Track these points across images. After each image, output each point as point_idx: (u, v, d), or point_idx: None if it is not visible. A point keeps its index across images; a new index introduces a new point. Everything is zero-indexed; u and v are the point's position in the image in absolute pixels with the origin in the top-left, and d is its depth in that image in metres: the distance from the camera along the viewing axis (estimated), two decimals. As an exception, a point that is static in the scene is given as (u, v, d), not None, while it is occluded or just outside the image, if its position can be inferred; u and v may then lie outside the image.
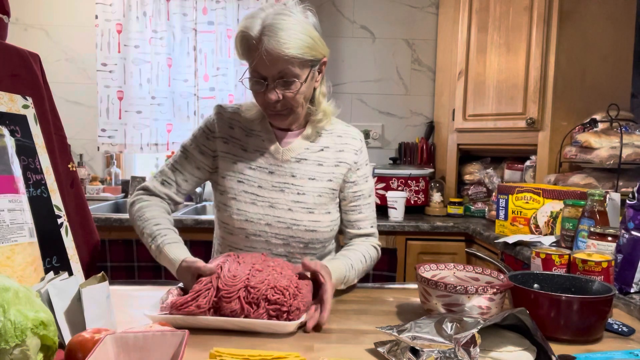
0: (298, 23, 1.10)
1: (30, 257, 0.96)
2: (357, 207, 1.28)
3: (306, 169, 1.23)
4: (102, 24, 2.74)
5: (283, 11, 1.10)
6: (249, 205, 1.20)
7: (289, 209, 1.20)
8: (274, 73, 1.09)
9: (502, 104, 2.35)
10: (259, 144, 1.24)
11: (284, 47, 1.06)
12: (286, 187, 1.21)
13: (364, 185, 1.29)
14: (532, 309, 0.88)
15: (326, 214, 1.23)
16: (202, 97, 2.84)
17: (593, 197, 1.38)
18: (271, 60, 1.07)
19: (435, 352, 0.74)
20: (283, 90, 1.11)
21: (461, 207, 2.57)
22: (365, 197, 1.29)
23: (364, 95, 3.00)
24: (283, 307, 0.93)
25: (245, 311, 0.93)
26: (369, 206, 1.30)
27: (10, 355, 0.65)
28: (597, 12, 2.18)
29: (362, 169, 1.29)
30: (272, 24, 1.07)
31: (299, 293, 0.96)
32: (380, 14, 2.96)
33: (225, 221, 1.23)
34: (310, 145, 1.25)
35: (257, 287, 0.94)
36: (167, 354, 0.72)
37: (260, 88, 1.13)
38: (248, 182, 1.21)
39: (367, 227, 1.30)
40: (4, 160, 0.96)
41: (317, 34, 1.15)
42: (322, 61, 1.18)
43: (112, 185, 2.88)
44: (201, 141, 1.25)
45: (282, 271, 1.00)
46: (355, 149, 1.28)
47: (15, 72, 1.24)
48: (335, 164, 1.25)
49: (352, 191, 1.27)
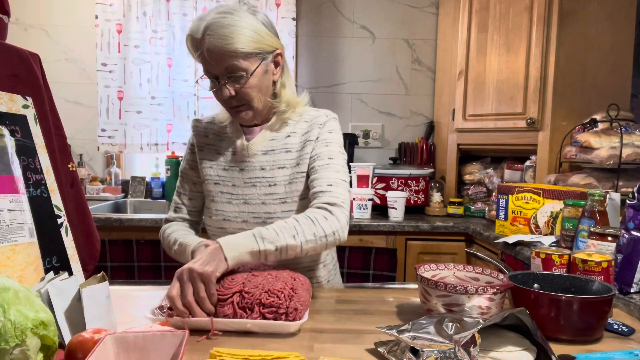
0: (240, 19, 1.11)
1: (30, 257, 0.96)
2: (313, 170, 1.18)
3: (275, 159, 1.22)
4: (102, 24, 2.74)
5: (227, 10, 1.12)
6: (226, 205, 1.23)
7: (262, 203, 1.21)
8: (221, 70, 1.13)
9: (502, 104, 2.35)
10: (230, 145, 1.27)
11: (224, 42, 1.09)
12: (257, 181, 1.23)
13: (322, 148, 1.20)
14: (532, 309, 0.88)
15: (301, 200, 1.21)
16: (202, 97, 2.84)
17: (593, 197, 1.38)
18: (215, 57, 1.11)
19: (435, 352, 0.74)
20: (234, 85, 1.14)
21: (461, 207, 2.57)
22: (321, 159, 1.19)
23: (363, 95, 3.00)
24: (280, 310, 0.93)
25: (238, 316, 0.94)
26: (326, 167, 1.17)
27: (10, 355, 0.65)
28: (597, 12, 2.18)
29: (323, 135, 1.22)
30: (213, 22, 1.10)
31: (295, 294, 0.96)
32: (380, 14, 2.96)
33: (208, 223, 1.28)
34: (275, 135, 1.24)
35: (251, 292, 0.95)
36: (167, 354, 0.72)
37: (214, 86, 1.17)
38: (223, 182, 1.25)
39: (322, 185, 1.14)
40: (4, 160, 0.96)
41: (264, 28, 1.16)
42: (275, 53, 1.19)
43: (112, 185, 2.88)
44: (189, 158, 1.33)
45: (278, 274, 1.01)
46: (320, 123, 1.23)
47: (15, 72, 1.24)
48: (302, 147, 1.22)
49: (310, 155, 1.21)
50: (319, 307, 1.11)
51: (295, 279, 1.02)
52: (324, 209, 1.09)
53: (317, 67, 2.96)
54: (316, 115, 1.25)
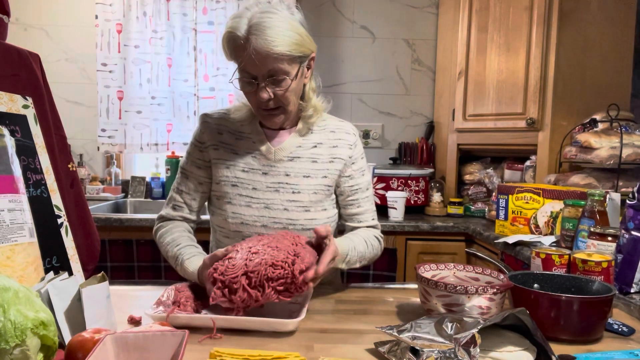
0: (284, 20, 1.09)
1: (30, 257, 0.96)
2: (356, 201, 1.28)
3: (300, 167, 1.22)
4: (102, 24, 2.74)
5: (269, 9, 1.09)
6: (244, 208, 1.20)
7: (284, 209, 1.20)
8: (263, 72, 1.09)
9: (502, 104, 2.35)
10: (249, 146, 1.24)
11: (271, 45, 1.05)
12: (281, 187, 1.21)
13: (360, 179, 1.28)
14: (532, 309, 0.88)
15: (322, 211, 1.23)
16: (202, 97, 2.84)
17: (593, 197, 1.38)
18: (260, 59, 1.07)
19: (435, 352, 0.74)
20: (274, 89, 1.11)
21: (461, 207, 2.57)
22: (363, 191, 1.28)
23: (363, 95, 3.00)
24: (288, 279, 0.93)
25: (254, 296, 0.94)
26: (367, 199, 1.30)
27: (10, 355, 0.65)
28: (597, 12, 2.17)
29: (358, 162, 1.28)
30: (258, 22, 1.06)
31: (297, 257, 0.96)
32: (380, 14, 2.96)
33: (221, 225, 1.24)
34: (302, 142, 1.24)
35: (255, 271, 0.94)
36: (167, 354, 0.72)
37: (252, 88, 1.13)
38: (242, 185, 1.21)
39: (369, 219, 1.30)
40: (4, 160, 0.96)
41: (304, 30, 1.14)
42: (311, 57, 1.18)
43: (112, 185, 2.88)
44: (195, 156, 1.27)
45: (278, 244, 1.00)
46: (350, 143, 1.27)
47: (15, 72, 1.24)
48: (329, 160, 1.24)
49: (349, 185, 1.27)
50: (319, 307, 1.11)
51: (297, 244, 1.01)
52: (378, 240, 1.30)
53: (317, 67, 2.91)
54: (340, 127, 1.28)
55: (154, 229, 1.29)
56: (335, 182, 1.26)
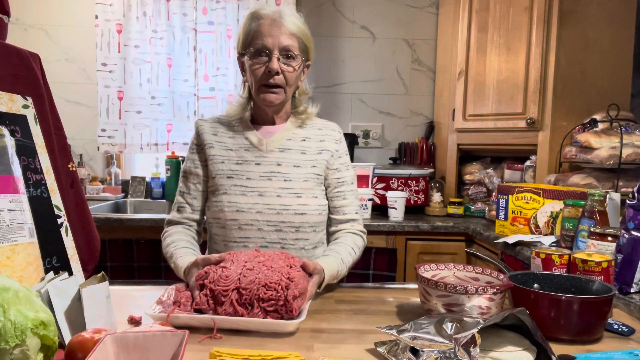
0: (299, 18, 1.28)
1: (30, 257, 0.96)
2: (341, 193, 1.35)
3: (291, 157, 1.30)
4: (102, 24, 2.74)
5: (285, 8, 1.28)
6: (239, 197, 1.26)
7: (277, 195, 1.25)
8: (282, 44, 1.21)
9: (502, 104, 2.35)
10: (242, 142, 1.32)
11: (292, 24, 1.23)
12: (273, 175, 1.27)
13: (345, 172, 1.37)
14: (532, 309, 0.88)
15: (313, 198, 1.29)
16: (202, 97, 2.84)
17: (593, 197, 1.38)
18: (280, 33, 1.21)
19: (435, 352, 0.74)
20: (285, 62, 1.23)
21: (461, 207, 2.57)
22: (348, 184, 1.36)
23: (363, 95, 3.00)
24: (279, 302, 0.93)
25: (239, 313, 0.94)
26: (352, 193, 1.37)
27: (10, 355, 0.65)
28: (597, 12, 2.18)
29: (343, 157, 1.38)
30: (280, 10, 1.25)
31: (291, 282, 0.96)
32: (380, 14, 2.96)
33: (217, 216, 1.27)
34: (292, 136, 1.33)
35: (248, 288, 0.95)
36: (167, 354, 0.72)
37: (264, 59, 1.22)
38: (237, 176, 1.28)
39: (352, 212, 1.35)
40: (4, 160, 0.96)
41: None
42: (308, 63, 1.32)
43: (112, 185, 2.88)
44: (193, 158, 1.35)
45: (273, 264, 1.01)
46: (335, 139, 1.37)
47: (15, 72, 1.24)
48: (317, 152, 1.33)
49: (335, 177, 1.34)
50: (319, 307, 1.11)
51: (291, 266, 1.02)
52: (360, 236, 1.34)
53: (317, 67, 2.95)
54: (327, 125, 1.40)
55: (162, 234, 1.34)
56: (324, 172, 1.33)
